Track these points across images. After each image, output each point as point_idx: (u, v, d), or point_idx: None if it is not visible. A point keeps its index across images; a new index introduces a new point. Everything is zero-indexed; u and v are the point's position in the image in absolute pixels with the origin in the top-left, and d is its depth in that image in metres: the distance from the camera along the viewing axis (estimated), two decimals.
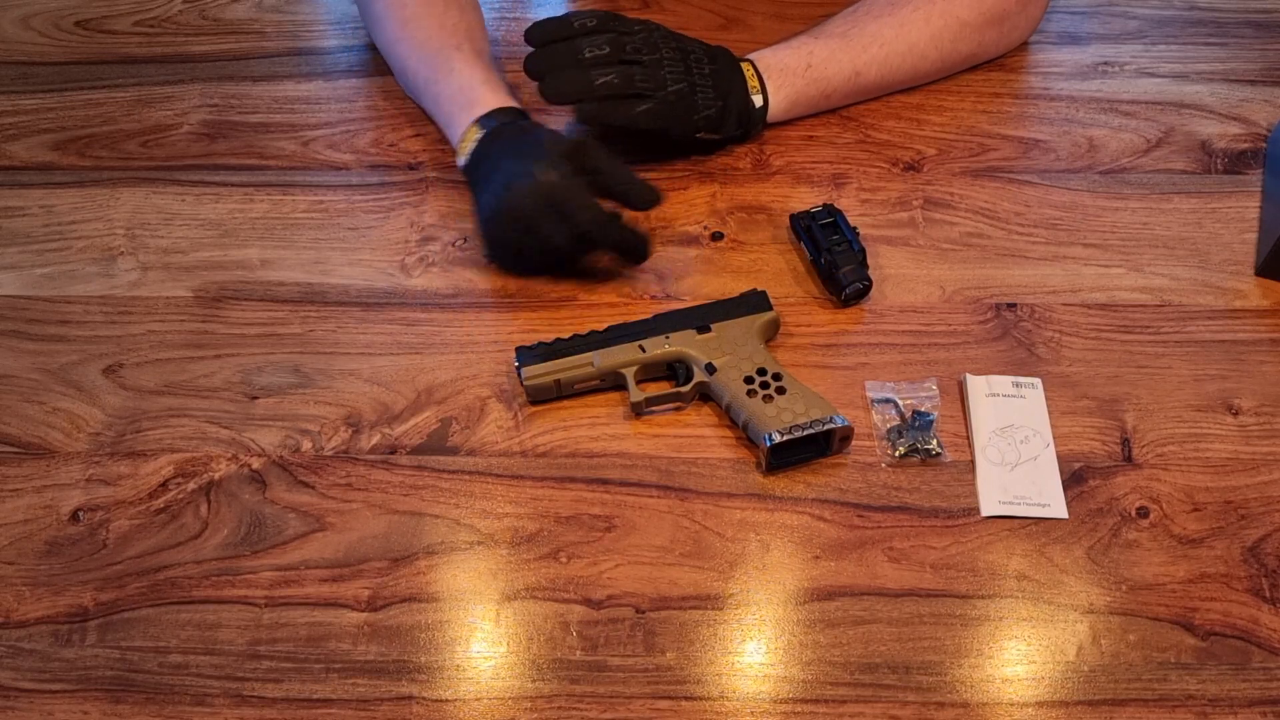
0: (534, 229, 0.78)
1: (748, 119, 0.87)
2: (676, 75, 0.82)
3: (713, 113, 0.84)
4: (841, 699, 0.64)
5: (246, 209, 0.89)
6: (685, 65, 0.83)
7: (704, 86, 0.84)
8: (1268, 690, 0.64)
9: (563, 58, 0.81)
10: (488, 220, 0.81)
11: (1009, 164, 0.90)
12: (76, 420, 0.77)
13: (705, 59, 0.85)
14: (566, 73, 0.81)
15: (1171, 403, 0.76)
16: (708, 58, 0.85)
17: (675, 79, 0.82)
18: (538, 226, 0.78)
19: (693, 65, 0.84)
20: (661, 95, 0.82)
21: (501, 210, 0.79)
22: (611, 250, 0.81)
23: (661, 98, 0.82)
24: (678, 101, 0.83)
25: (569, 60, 0.81)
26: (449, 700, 0.65)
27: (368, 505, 0.72)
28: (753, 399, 0.73)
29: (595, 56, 0.81)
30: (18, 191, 0.91)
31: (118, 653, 0.67)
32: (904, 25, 0.90)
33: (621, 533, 0.71)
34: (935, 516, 0.71)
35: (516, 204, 0.78)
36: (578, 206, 0.77)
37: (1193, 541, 0.70)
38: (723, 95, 0.85)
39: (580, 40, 0.81)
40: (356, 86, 0.97)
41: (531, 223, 0.78)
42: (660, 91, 0.82)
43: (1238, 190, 0.88)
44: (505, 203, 0.78)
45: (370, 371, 0.79)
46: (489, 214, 0.81)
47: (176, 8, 1.05)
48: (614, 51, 0.81)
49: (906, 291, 0.82)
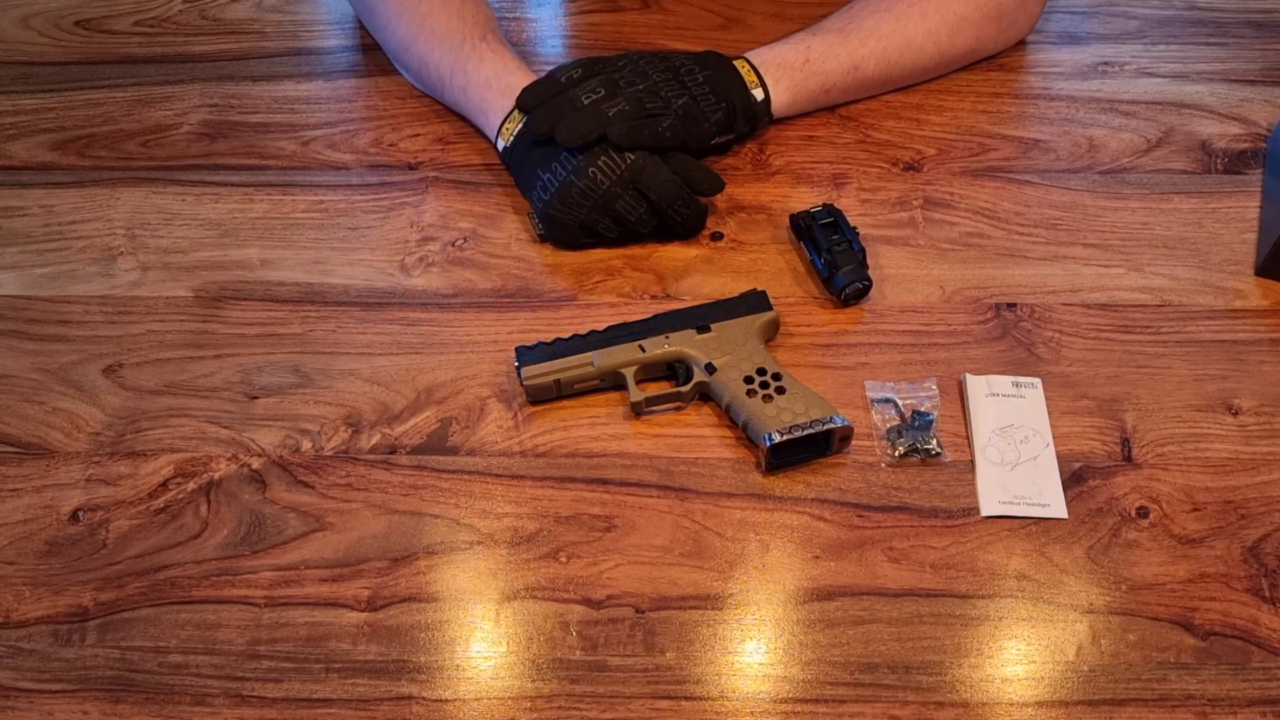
0: (609, 205, 0.81)
1: (753, 114, 0.87)
2: (676, 91, 0.84)
3: (720, 116, 0.85)
4: (841, 699, 0.64)
5: (246, 209, 0.89)
6: (679, 81, 0.84)
7: (703, 94, 0.84)
8: (1267, 690, 0.64)
9: (564, 108, 0.82)
10: (557, 198, 0.82)
11: (1009, 164, 0.90)
12: (76, 420, 0.77)
13: (696, 69, 0.85)
14: (575, 115, 0.81)
15: (1171, 403, 0.76)
16: (698, 66, 0.85)
17: (676, 95, 0.83)
18: (612, 202, 0.81)
19: (685, 79, 0.84)
20: (671, 112, 0.83)
21: (573, 187, 0.81)
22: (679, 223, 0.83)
23: (673, 114, 0.83)
24: (686, 114, 0.83)
25: (571, 108, 0.81)
26: (449, 700, 0.65)
27: (368, 505, 0.72)
28: (752, 399, 0.73)
29: (595, 99, 0.82)
30: (18, 191, 0.91)
31: (118, 653, 0.67)
32: (901, 19, 0.90)
33: (621, 533, 0.71)
34: (935, 516, 0.71)
35: (593, 180, 0.80)
36: (658, 181, 0.81)
37: (1193, 541, 0.70)
38: (723, 97, 0.85)
39: (574, 90, 0.82)
40: (356, 86, 0.98)
41: (608, 199, 0.81)
42: (669, 109, 0.83)
43: (1238, 190, 0.88)
44: (579, 179, 0.80)
45: (370, 371, 0.79)
46: (557, 192, 0.81)
47: (176, 8, 1.05)
48: (610, 90, 0.82)
49: (906, 291, 0.82)
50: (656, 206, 0.82)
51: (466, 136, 0.93)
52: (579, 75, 0.84)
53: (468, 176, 0.90)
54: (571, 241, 0.84)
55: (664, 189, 0.81)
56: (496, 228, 0.87)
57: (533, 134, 0.83)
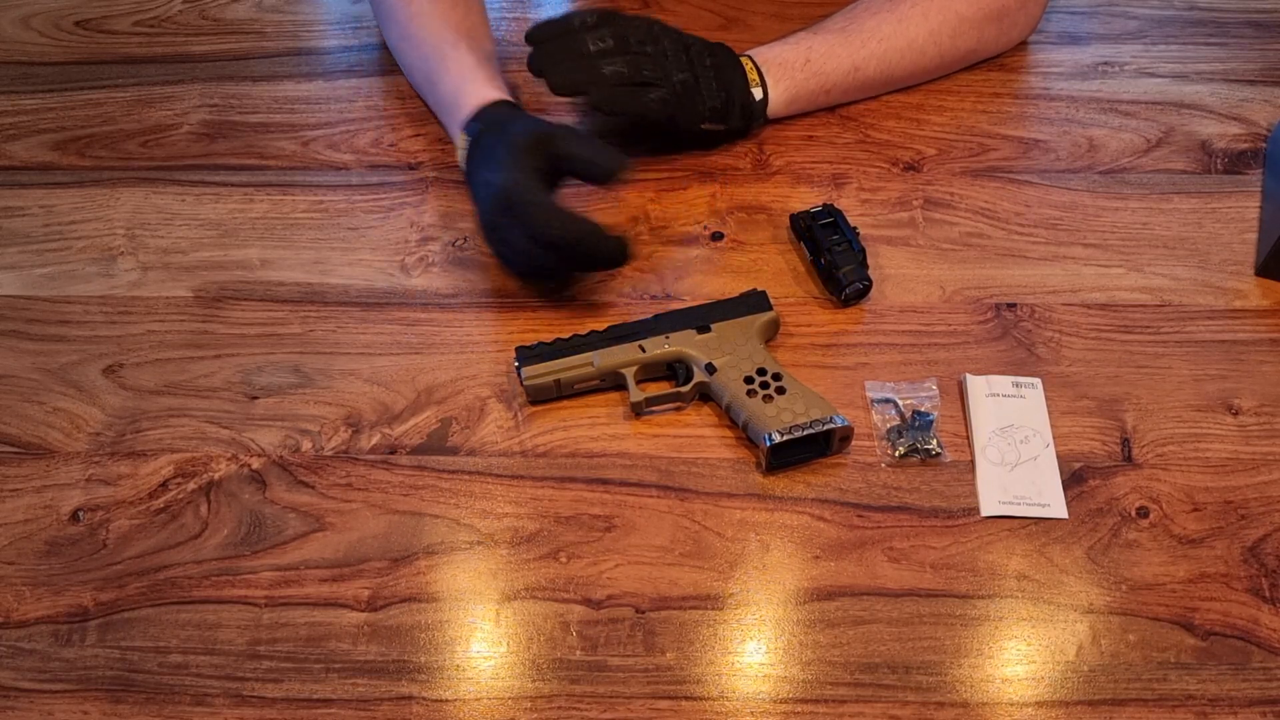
0: (504, 238, 0.78)
1: (749, 112, 0.87)
2: (681, 66, 0.83)
3: (718, 103, 0.85)
4: (841, 699, 0.64)
5: (246, 209, 0.89)
6: (688, 57, 0.84)
7: (707, 78, 0.84)
8: (1267, 690, 0.64)
9: (567, 51, 0.81)
10: (480, 230, 0.82)
11: (1009, 164, 0.90)
12: (76, 420, 0.77)
13: (706, 53, 0.85)
14: (572, 64, 0.80)
15: (1171, 403, 0.76)
16: (708, 52, 0.85)
17: (680, 69, 0.83)
18: (505, 235, 0.77)
19: (694, 58, 0.84)
20: (668, 84, 0.82)
21: (480, 221, 0.81)
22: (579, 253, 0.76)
23: (669, 86, 0.82)
24: (684, 91, 0.83)
25: (573, 53, 0.81)
26: (449, 700, 0.65)
27: (368, 505, 0.72)
28: (753, 399, 0.73)
29: (600, 49, 0.81)
30: (18, 191, 0.91)
31: (118, 653, 0.67)
32: (903, 21, 0.90)
33: (621, 533, 0.71)
34: (935, 516, 0.71)
35: (485, 214, 0.79)
36: (532, 207, 0.74)
37: (1193, 541, 0.70)
38: (725, 87, 0.85)
39: (583, 34, 0.81)
40: (356, 86, 0.98)
41: (500, 231, 0.78)
42: (667, 81, 0.82)
43: (1238, 190, 0.88)
44: (481, 214, 0.80)
45: (370, 371, 0.79)
46: (478, 224, 0.82)
47: (176, 8, 1.05)
48: (618, 44, 0.81)
49: (906, 291, 0.82)
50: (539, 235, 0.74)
51: None
52: (594, 21, 0.81)
53: None
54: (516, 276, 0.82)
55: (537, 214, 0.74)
56: None
57: (531, 69, 0.81)
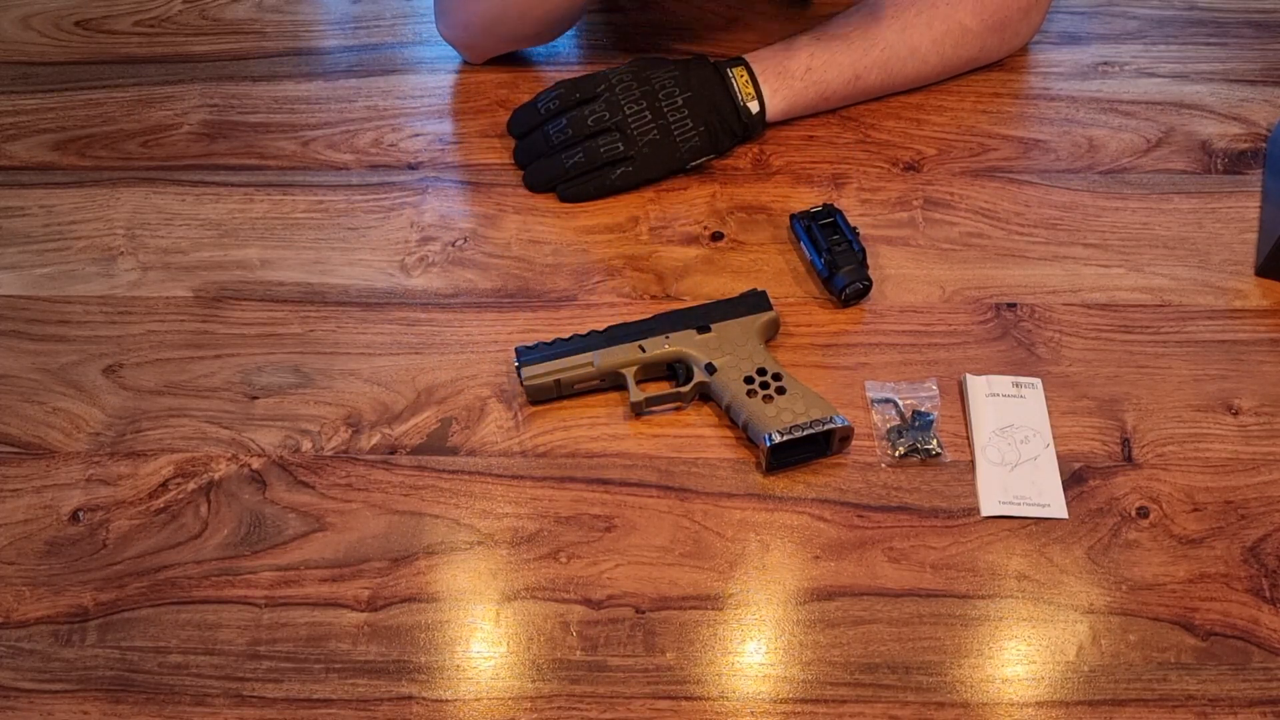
0: None
1: (743, 128, 0.88)
2: (645, 127, 0.85)
3: (697, 141, 0.86)
4: (841, 699, 0.64)
5: (246, 209, 0.89)
6: (654, 109, 0.85)
7: (679, 122, 0.86)
8: (1268, 690, 0.64)
9: (538, 146, 0.88)
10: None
11: (1009, 164, 0.90)
12: (76, 420, 0.77)
13: (676, 90, 0.86)
14: (542, 162, 0.88)
15: (1171, 403, 0.76)
16: (678, 88, 0.86)
17: (644, 131, 0.85)
18: None
19: (663, 106, 0.86)
20: (635, 152, 0.85)
21: None
22: None
23: (636, 154, 0.85)
24: (654, 151, 0.86)
25: (542, 148, 0.87)
26: (449, 700, 0.65)
27: (368, 505, 0.72)
28: (753, 399, 0.73)
29: (562, 140, 0.86)
30: (18, 191, 0.91)
31: (118, 653, 0.67)
32: (907, 29, 0.89)
33: (621, 533, 0.71)
34: (935, 516, 0.71)
35: None
36: None
37: (1193, 541, 0.70)
38: (703, 120, 0.86)
39: (547, 126, 0.87)
40: (356, 86, 0.97)
41: None
42: (633, 150, 0.85)
43: (1238, 190, 0.88)
44: None
45: (370, 371, 0.79)
46: None
47: (176, 8, 1.05)
48: (576, 131, 0.86)
49: (906, 291, 0.82)
50: None
51: (466, 136, 0.93)
52: (555, 107, 0.87)
53: (468, 176, 0.90)
54: None
55: None
56: (496, 228, 0.87)
57: (517, 163, 0.89)
